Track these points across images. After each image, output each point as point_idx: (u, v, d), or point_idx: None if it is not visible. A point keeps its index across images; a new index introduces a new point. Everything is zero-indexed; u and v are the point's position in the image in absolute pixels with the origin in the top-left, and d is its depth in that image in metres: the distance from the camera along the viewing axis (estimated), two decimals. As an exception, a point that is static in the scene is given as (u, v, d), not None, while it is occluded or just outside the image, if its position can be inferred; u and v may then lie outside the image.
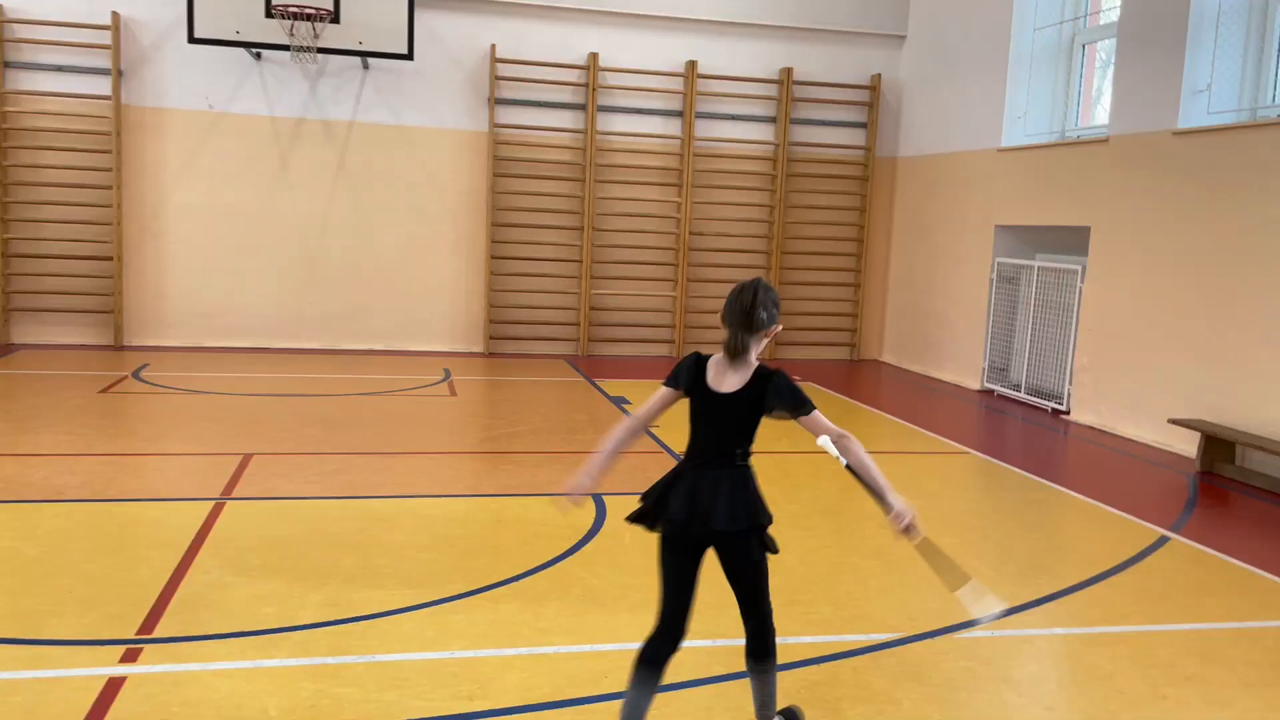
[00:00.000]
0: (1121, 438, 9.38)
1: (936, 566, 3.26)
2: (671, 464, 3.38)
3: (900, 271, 13.85)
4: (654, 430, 8.61)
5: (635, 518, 3.30)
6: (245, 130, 12.16)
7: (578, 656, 4.19)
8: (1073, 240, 10.56)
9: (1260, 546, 6.20)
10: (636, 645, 3.28)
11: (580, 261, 13.13)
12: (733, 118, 13.41)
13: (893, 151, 13.94)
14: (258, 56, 12.01)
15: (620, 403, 9.98)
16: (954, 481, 7.64)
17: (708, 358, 3.31)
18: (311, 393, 9.76)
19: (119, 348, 11.99)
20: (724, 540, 3.21)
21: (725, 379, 3.23)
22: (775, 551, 3.29)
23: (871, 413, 10.16)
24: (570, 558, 5.35)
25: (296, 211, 12.40)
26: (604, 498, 6.52)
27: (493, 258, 12.85)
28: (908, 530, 3.15)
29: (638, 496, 3.34)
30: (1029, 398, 10.99)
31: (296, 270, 12.49)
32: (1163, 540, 6.17)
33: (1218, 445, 8.12)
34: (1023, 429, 9.97)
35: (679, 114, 13.22)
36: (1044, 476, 7.70)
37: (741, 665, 3.50)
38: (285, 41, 11.12)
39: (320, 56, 11.57)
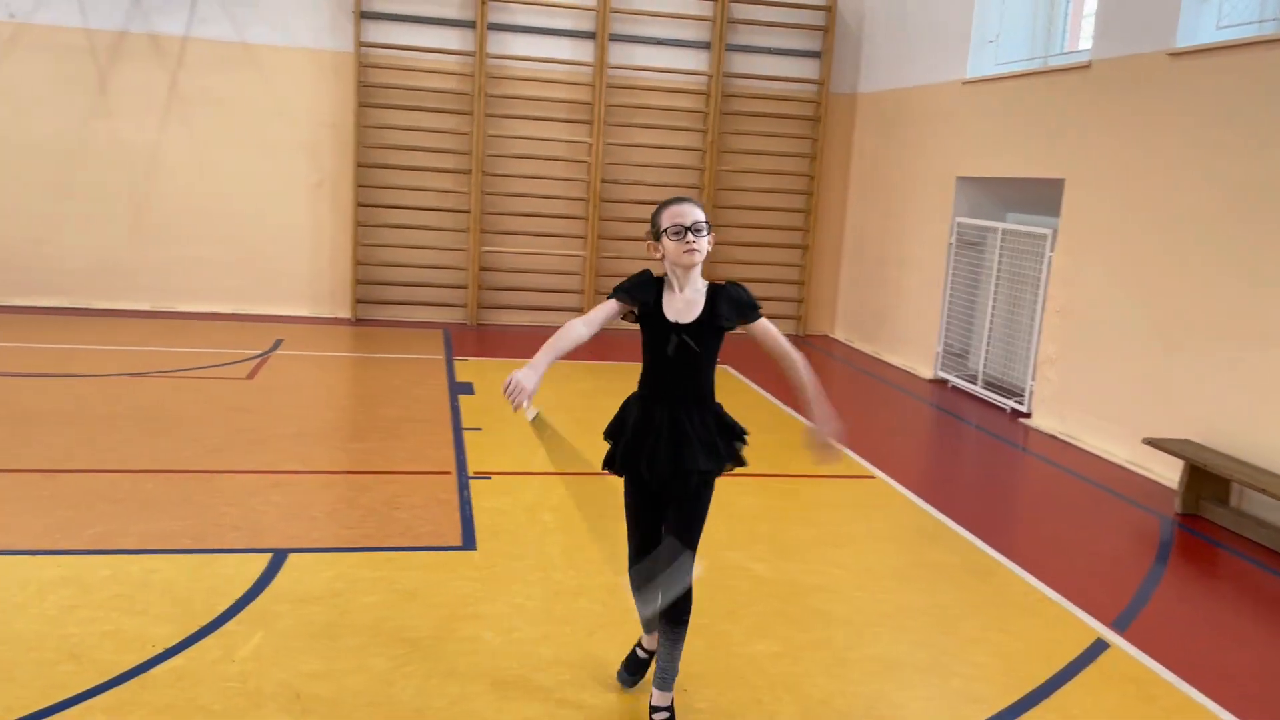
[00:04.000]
0: (1088, 454, 7.24)
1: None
2: None
3: (856, 231, 11.64)
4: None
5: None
6: (54, 45, 10.06)
7: None
8: (1047, 197, 8.33)
9: (1252, 662, 4.11)
10: None
11: (469, 212, 11.02)
12: (657, 42, 11.17)
13: (851, 87, 11.66)
14: (67, -45, 9.92)
15: (462, 390, 7.94)
16: (828, 531, 5.50)
17: None
18: (66, 372, 7.78)
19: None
20: None
21: None
22: None
23: (777, 409, 7.99)
24: (117, 688, 3.34)
25: (119, 145, 10.35)
26: (290, 554, 4.51)
27: (360, 205, 10.78)
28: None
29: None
30: (986, 393, 8.83)
31: (120, 216, 10.47)
32: (1097, 649, 4.09)
33: (1206, 479, 5.98)
34: (968, 441, 7.84)
35: (590, 35, 11.00)
36: (961, 521, 5.60)
37: None
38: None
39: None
